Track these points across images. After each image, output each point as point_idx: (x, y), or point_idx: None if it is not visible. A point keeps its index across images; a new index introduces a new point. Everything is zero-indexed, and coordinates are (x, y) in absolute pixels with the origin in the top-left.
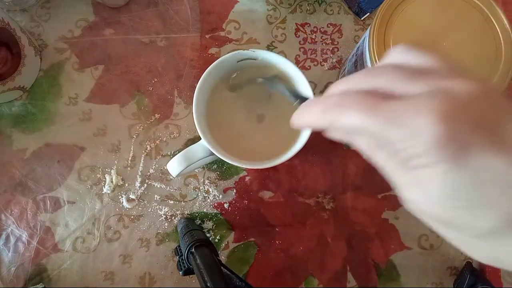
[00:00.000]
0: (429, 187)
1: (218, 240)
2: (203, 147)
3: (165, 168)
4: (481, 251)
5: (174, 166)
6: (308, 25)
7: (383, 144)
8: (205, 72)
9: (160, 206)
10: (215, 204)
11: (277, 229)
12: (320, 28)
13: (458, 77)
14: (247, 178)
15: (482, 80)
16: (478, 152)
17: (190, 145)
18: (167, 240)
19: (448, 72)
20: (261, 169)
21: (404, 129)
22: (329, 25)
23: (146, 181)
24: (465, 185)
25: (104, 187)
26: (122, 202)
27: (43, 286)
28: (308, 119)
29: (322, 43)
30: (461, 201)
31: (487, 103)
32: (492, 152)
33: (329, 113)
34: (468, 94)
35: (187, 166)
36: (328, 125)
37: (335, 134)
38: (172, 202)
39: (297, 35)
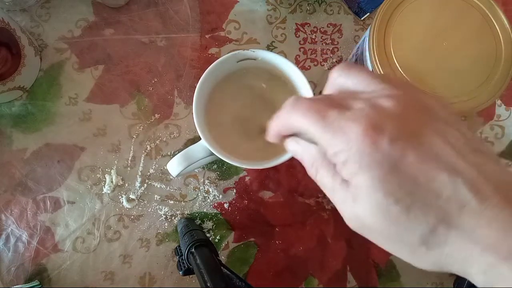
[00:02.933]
0: (363, 196)
1: (218, 240)
2: (203, 147)
3: (165, 168)
4: (424, 260)
5: (174, 166)
6: (308, 25)
7: (324, 155)
8: (205, 72)
9: (160, 206)
10: (215, 204)
11: (277, 229)
12: (320, 28)
13: (385, 93)
14: (247, 178)
15: (405, 89)
16: (407, 159)
17: (190, 145)
18: (167, 240)
19: (377, 87)
20: (261, 169)
21: (339, 135)
22: (329, 25)
23: (146, 181)
24: (398, 187)
25: (104, 187)
26: (122, 202)
27: (38, 283)
28: (271, 125)
29: (322, 43)
30: (396, 205)
31: (410, 116)
32: (418, 162)
33: (282, 115)
34: (393, 107)
35: (187, 166)
36: (281, 128)
37: (291, 145)
38: (172, 202)
39: (297, 35)
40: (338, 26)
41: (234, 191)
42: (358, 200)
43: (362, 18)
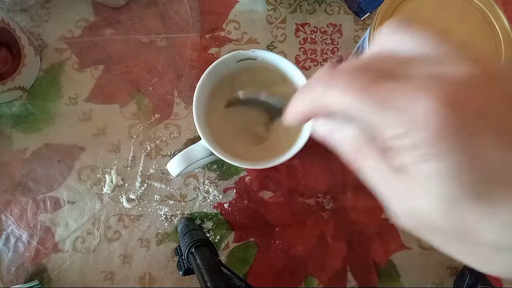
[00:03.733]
0: (428, 188)
1: (218, 240)
2: (203, 147)
3: (165, 168)
4: (498, 265)
5: (174, 166)
6: (308, 25)
7: (371, 139)
8: (205, 72)
9: (160, 206)
10: (215, 204)
11: (277, 229)
12: (320, 28)
13: (458, 60)
14: (247, 178)
15: (485, 60)
16: (488, 144)
17: (190, 145)
18: (167, 240)
19: (447, 54)
20: (261, 169)
21: (399, 112)
22: (329, 25)
23: (146, 181)
24: (476, 180)
25: (104, 187)
26: (122, 202)
27: (38, 283)
28: (294, 107)
29: (322, 43)
30: (471, 197)
31: (493, 87)
32: (502, 150)
33: (312, 91)
34: (470, 77)
35: (187, 166)
36: (311, 108)
37: (319, 128)
38: (172, 202)
39: (297, 35)
40: (338, 26)
41: (234, 191)
42: (422, 192)
43: (362, 18)
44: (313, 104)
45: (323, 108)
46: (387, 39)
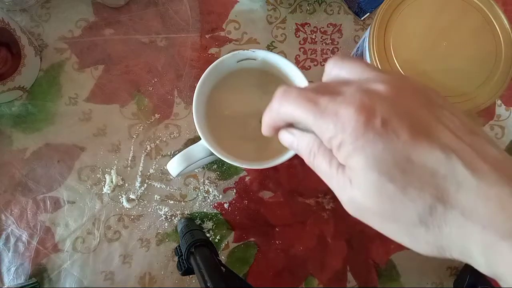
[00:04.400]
0: (358, 177)
1: (218, 240)
2: (203, 147)
3: (165, 168)
4: (422, 241)
5: (174, 166)
6: (308, 25)
7: (320, 143)
8: (205, 72)
9: (160, 206)
10: (215, 204)
11: (277, 229)
12: (320, 28)
13: (375, 81)
14: (247, 178)
15: (398, 76)
16: (400, 138)
17: (190, 145)
18: (167, 240)
19: (369, 77)
20: (261, 169)
21: (331, 118)
22: (329, 25)
23: (146, 181)
24: (392, 166)
25: (104, 187)
26: (122, 202)
27: (35, 281)
28: (264, 118)
29: (322, 43)
30: (392, 183)
31: (404, 98)
32: (412, 140)
33: (272, 106)
34: (385, 91)
35: (187, 166)
36: (274, 120)
37: (285, 137)
38: (172, 202)
39: (297, 35)
40: (338, 26)
41: (234, 191)
42: (354, 182)
43: (362, 18)
44: (274, 115)
45: (280, 118)
46: (330, 71)
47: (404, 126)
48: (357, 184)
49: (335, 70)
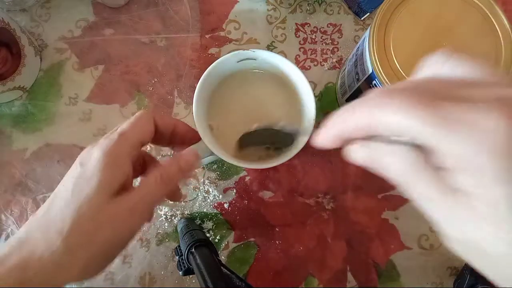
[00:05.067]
0: (493, 217)
1: (218, 240)
2: (203, 147)
3: None
4: None
5: None
6: (308, 25)
7: (425, 160)
8: (205, 72)
9: (160, 206)
10: (215, 204)
11: (277, 229)
12: (320, 28)
13: None
14: (247, 178)
15: None
16: None
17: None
18: (167, 240)
19: (499, 80)
20: (261, 169)
21: (466, 133)
22: (329, 25)
23: None
24: None
25: None
26: None
27: None
28: (331, 126)
29: (322, 43)
30: None
31: None
32: None
33: (362, 107)
34: None
35: None
36: (357, 129)
37: (358, 153)
38: (172, 202)
39: (297, 35)
40: (338, 26)
41: (234, 191)
42: (486, 222)
43: (362, 18)
44: (360, 123)
45: (370, 127)
46: (439, 66)
47: None
48: (489, 225)
49: (448, 65)
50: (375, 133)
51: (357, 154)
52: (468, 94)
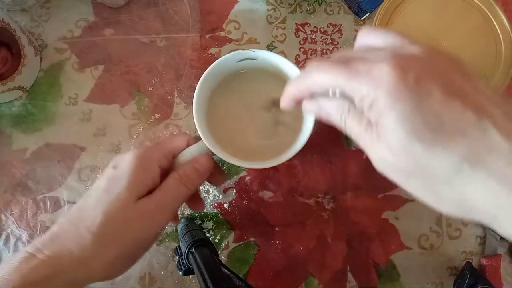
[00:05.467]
0: (388, 134)
1: (218, 240)
2: (203, 147)
3: None
4: (447, 199)
5: (175, 167)
6: (308, 25)
7: (351, 105)
8: (205, 72)
9: None
10: (215, 204)
11: (277, 229)
12: (320, 28)
13: (410, 44)
14: (247, 178)
15: (434, 47)
16: (432, 96)
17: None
18: (167, 240)
19: (403, 42)
20: (261, 169)
21: (364, 78)
22: (329, 25)
23: None
24: (422, 124)
25: None
26: None
27: None
28: (288, 90)
29: (322, 43)
30: (420, 142)
31: (438, 62)
32: (445, 99)
33: (302, 76)
34: (419, 53)
35: None
36: (302, 89)
37: (310, 106)
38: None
39: (297, 35)
40: (338, 26)
41: (234, 191)
42: (383, 139)
43: (362, 18)
44: (304, 85)
45: (311, 87)
46: (364, 38)
47: (438, 85)
48: (385, 141)
49: (369, 37)
50: (315, 91)
51: (309, 107)
52: (372, 55)
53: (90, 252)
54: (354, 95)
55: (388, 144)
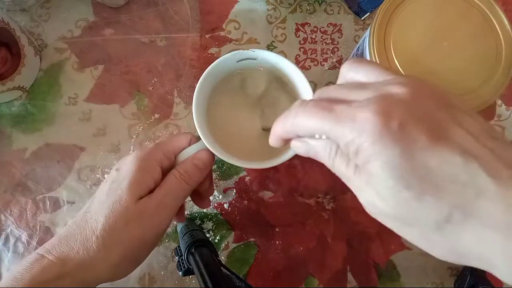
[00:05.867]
0: (375, 182)
1: (218, 240)
2: (202, 147)
3: None
4: (440, 246)
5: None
6: (308, 25)
7: (336, 147)
8: (205, 72)
9: None
10: (215, 204)
11: (277, 229)
12: (320, 28)
13: (395, 82)
14: (247, 178)
15: (416, 79)
16: (417, 143)
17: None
18: (167, 240)
19: (387, 77)
20: (261, 169)
21: (348, 125)
22: (329, 25)
23: None
24: (409, 172)
25: None
26: None
27: None
28: (275, 130)
29: (322, 43)
30: (408, 190)
31: (422, 101)
32: (431, 145)
33: (286, 119)
34: (402, 93)
35: None
36: (287, 132)
37: (298, 145)
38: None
39: (297, 35)
40: (338, 26)
41: (234, 191)
42: (371, 187)
43: (362, 18)
44: (289, 127)
45: (296, 130)
46: (346, 73)
47: (422, 130)
48: (374, 189)
49: (350, 73)
50: (300, 134)
51: (298, 146)
52: (355, 95)
53: (95, 254)
54: (339, 141)
55: (376, 190)
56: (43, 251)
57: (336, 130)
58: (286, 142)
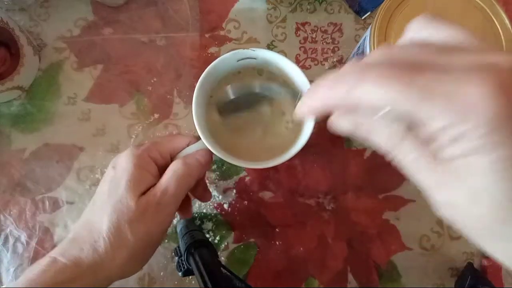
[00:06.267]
0: (475, 181)
1: (218, 240)
2: (202, 147)
3: None
4: None
5: None
6: (309, 24)
7: (409, 129)
8: (204, 72)
9: None
10: (215, 205)
11: (277, 229)
12: (320, 27)
13: (498, 52)
14: (247, 178)
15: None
16: None
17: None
18: (166, 241)
19: (483, 46)
20: (261, 169)
21: (446, 101)
22: (329, 24)
23: None
24: None
25: None
26: None
27: None
28: (313, 101)
29: (322, 42)
30: None
31: None
32: None
33: (340, 84)
34: (508, 63)
35: None
36: (336, 103)
37: (342, 123)
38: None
39: (298, 34)
40: (338, 25)
41: (234, 191)
42: (465, 184)
43: (362, 17)
44: (339, 99)
45: (352, 103)
46: (419, 31)
47: None
48: (469, 187)
49: (427, 31)
50: (357, 109)
51: (342, 123)
52: (447, 61)
53: (104, 255)
54: (424, 121)
55: (471, 189)
56: (55, 254)
57: (425, 109)
58: (323, 115)
